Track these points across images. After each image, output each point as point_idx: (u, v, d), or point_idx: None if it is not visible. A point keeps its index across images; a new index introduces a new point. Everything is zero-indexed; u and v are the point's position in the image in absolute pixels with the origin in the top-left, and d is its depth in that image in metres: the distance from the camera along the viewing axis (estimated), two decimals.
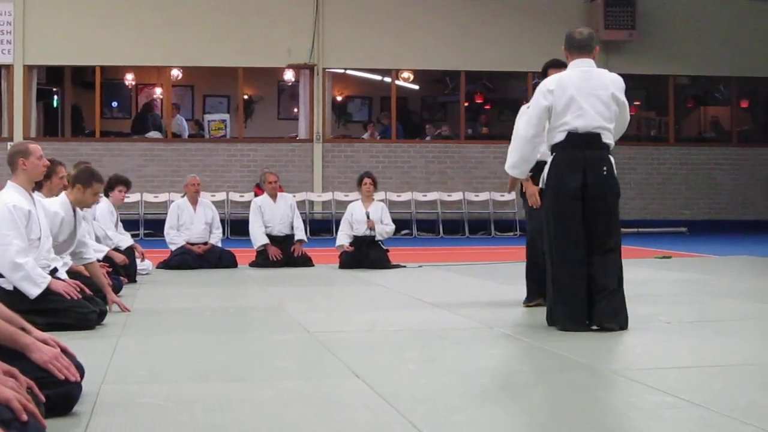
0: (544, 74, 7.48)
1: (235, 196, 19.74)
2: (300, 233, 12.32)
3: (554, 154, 6.47)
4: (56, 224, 7.06)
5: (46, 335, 3.98)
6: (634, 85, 23.12)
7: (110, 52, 19.78)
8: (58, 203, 7.27)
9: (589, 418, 3.94)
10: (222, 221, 13.56)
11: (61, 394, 3.84)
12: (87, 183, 7.42)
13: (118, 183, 10.89)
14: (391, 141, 21.05)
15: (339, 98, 23.40)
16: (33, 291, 6.24)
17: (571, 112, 6.36)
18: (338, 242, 11.96)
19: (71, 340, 4.54)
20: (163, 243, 12.44)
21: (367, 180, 12.06)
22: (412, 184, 20.47)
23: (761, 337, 6.21)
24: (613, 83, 6.52)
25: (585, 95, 6.37)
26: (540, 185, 6.74)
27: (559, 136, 6.40)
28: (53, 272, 6.61)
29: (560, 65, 7.27)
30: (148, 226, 18.62)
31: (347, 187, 19.31)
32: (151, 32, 19.85)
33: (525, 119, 6.66)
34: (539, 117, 6.45)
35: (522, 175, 6.91)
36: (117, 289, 8.46)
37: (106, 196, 10.85)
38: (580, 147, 6.36)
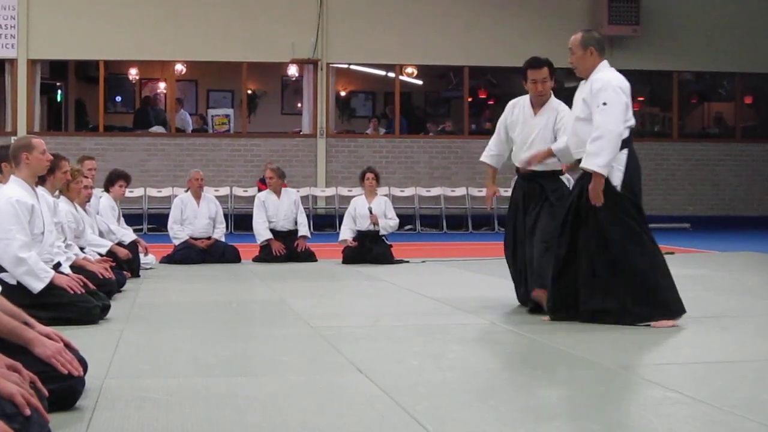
0: (524, 76, 7.37)
1: (238, 191, 19.75)
2: (303, 228, 12.32)
3: (627, 150, 6.38)
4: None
5: (49, 330, 3.98)
6: (638, 81, 23.10)
7: (114, 46, 19.78)
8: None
9: (592, 413, 3.94)
10: (225, 216, 13.57)
11: (64, 389, 3.85)
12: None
13: (118, 178, 10.92)
14: (394, 136, 21.05)
15: (343, 93, 23.40)
16: (36, 285, 6.24)
17: (630, 110, 6.43)
18: (341, 237, 11.97)
19: (74, 335, 4.54)
20: (167, 237, 12.45)
21: (369, 175, 12.06)
22: (415, 179, 20.47)
23: (764, 333, 6.21)
24: None
25: None
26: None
27: (626, 133, 6.38)
28: (56, 267, 6.62)
29: (539, 65, 7.29)
30: (152, 221, 18.62)
31: (351, 182, 19.30)
32: (154, 27, 19.85)
33: (615, 115, 6.28)
34: (625, 113, 6.38)
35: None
36: (120, 284, 8.48)
37: (107, 191, 10.89)
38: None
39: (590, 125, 6.36)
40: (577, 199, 6.49)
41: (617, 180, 6.36)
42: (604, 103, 6.30)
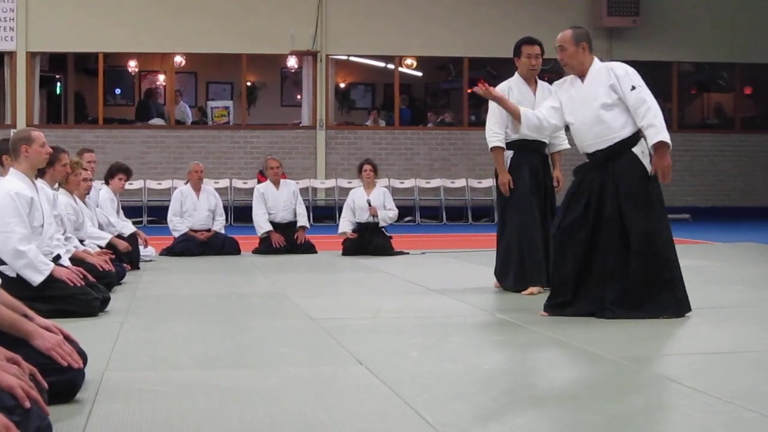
0: (517, 52, 7.83)
1: (238, 183, 19.75)
2: (303, 220, 12.32)
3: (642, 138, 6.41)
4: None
5: (48, 322, 3.98)
6: (638, 72, 23.09)
7: (113, 39, 19.77)
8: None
9: (592, 404, 3.94)
10: (225, 208, 13.57)
11: (64, 381, 3.85)
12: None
13: (118, 171, 10.92)
14: (394, 128, 21.04)
15: (342, 85, 23.38)
16: (36, 278, 6.24)
17: None
18: (341, 229, 11.96)
19: (74, 327, 4.54)
20: (167, 230, 12.45)
21: (367, 167, 12.06)
22: (415, 170, 20.47)
23: (764, 324, 6.21)
24: None
25: None
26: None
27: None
28: (56, 259, 6.61)
29: (533, 42, 7.75)
30: (152, 213, 18.63)
31: (350, 173, 19.30)
32: (154, 19, 19.83)
33: (651, 95, 6.41)
34: None
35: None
36: (120, 276, 8.49)
37: (107, 183, 10.89)
38: None
39: (619, 112, 6.37)
40: (599, 192, 6.40)
41: (648, 165, 6.40)
42: (639, 86, 6.38)
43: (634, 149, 6.38)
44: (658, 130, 6.26)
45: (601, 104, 6.41)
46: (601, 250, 6.30)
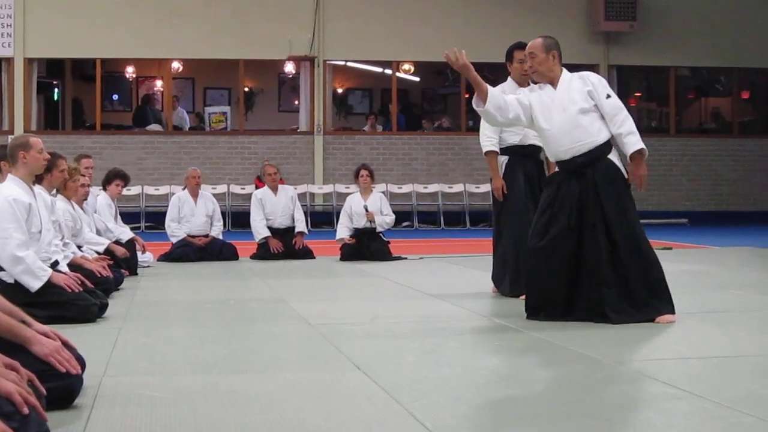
0: (509, 57, 7.88)
1: (236, 189, 19.74)
2: (301, 225, 12.32)
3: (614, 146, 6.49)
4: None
5: (46, 328, 3.98)
6: (635, 77, 23.14)
7: (111, 44, 19.76)
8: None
9: (590, 409, 3.94)
10: (223, 214, 13.58)
11: (62, 387, 3.85)
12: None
13: (116, 177, 10.92)
14: (391, 133, 21.04)
15: (340, 90, 23.39)
16: (34, 284, 6.24)
17: None
18: (338, 236, 11.95)
19: (72, 333, 4.55)
20: (164, 235, 12.45)
21: (363, 172, 12.04)
22: (413, 175, 20.47)
23: (761, 328, 6.21)
24: None
25: None
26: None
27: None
28: (54, 265, 6.61)
29: (525, 47, 7.48)
30: (149, 219, 18.63)
31: (348, 179, 19.27)
32: (151, 25, 19.83)
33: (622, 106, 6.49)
34: None
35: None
36: (118, 282, 8.48)
37: (104, 189, 10.89)
38: None
39: (594, 117, 6.42)
40: (578, 201, 6.41)
41: (623, 170, 6.47)
42: (609, 96, 6.45)
43: (610, 156, 6.43)
44: (638, 139, 6.37)
45: (579, 109, 6.46)
46: (590, 258, 6.31)
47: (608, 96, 6.44)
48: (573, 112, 6.46)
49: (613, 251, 6.27)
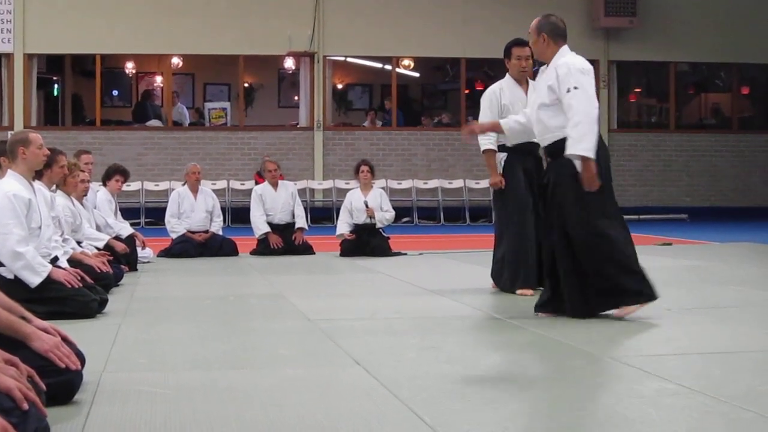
0: (507, 54, 7.90)
1: (235, 184, 19.75)
2: (301, 221, 12.32)
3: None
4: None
5: (46, 324, 3.98)
6: (635, 72, 23.13)
7: (110, 40, 19.76)
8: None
9: (590, 404, 3.95)
10: (223, 209, 13.57)
11: (61, 383, 3.85)
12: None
13: (115, 172, 10.91)
14: (391, 128, 21.04)
15: (339, 86, 23.39)
16: (34, 280, 6.24)
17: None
18: (338, 231, 11.94)
19: (72, 329, 4.55)
20: (164, 231, 12.45)
21: (364, 168, 12.03)
22: (412, 171, 20.47)
23: (761, 324, 6.21)
24: None
25: None
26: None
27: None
28: (54, 261, 6.62)
29: (523, 44, 7.71)
30: (149, 215, 18.63)
31: (348, 174, 19.28)
32: (151, 20, 19.82)
33: (588, 99, 6.16)
34: (594, 95, 6.33)
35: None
36: (118, 278, 8.49)
37: (104, 185, 10.89)
38: None
39: (556, 111, 6.28)
40: (545, 189, 6.40)
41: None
42: (575, 87, 6.16)
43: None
44: (574, 142, 6.10)
45: (540, 104, 6.43)
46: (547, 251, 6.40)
47: (575, 88, 6.14)
48: (535, 106, 6.49)
49: (569, 245, 6.22)
